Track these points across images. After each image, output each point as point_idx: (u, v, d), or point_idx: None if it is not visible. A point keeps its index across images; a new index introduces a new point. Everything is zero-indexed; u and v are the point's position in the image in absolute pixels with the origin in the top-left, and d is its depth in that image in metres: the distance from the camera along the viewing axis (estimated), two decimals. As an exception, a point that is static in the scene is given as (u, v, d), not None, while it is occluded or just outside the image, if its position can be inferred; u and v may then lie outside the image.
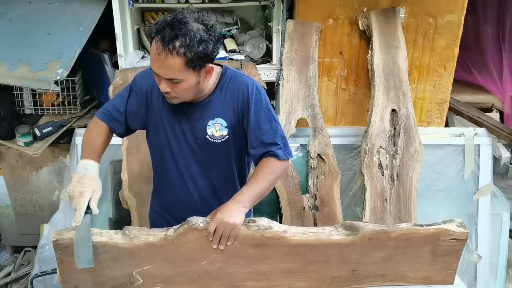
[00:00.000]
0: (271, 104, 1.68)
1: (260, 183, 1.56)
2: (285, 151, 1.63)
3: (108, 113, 1.71)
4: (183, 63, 1.44)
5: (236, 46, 2.92)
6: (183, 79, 1.48)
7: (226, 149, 1.69)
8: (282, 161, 1.62)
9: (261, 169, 1.59)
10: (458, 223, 1.60)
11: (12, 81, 2.40)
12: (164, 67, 1.46)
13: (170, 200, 1.83)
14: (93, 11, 2.66)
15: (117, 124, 1.71)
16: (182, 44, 1.41)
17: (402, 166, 2.57)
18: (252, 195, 1.53)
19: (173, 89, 1.51)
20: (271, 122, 1.63)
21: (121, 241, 1.47)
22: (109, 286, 1.52)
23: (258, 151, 1.62)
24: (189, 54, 1.43)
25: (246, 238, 1.50)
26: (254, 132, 1.61)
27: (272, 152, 1.61)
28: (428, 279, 1.66)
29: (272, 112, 1.65)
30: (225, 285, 1.57)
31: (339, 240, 1.55)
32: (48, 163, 2.94)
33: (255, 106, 1.61)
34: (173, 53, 1.42)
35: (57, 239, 1.44)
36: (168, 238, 1.47)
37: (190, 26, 1.43)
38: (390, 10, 2.77)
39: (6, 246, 3.25)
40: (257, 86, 1.65)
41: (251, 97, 1.61)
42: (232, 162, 1.74)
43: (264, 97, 1.64)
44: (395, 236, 1.57)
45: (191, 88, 1.53)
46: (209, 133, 1.64)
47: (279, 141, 1.62)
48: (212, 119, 1.64)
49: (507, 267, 2.96)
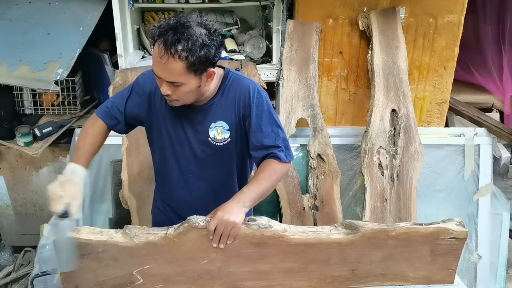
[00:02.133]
0: (272, 105, 1.68)
1: (261, 184, 1.57)
2: (287, 154, 1.64)
3: (108, 110, 1.71)
4: (185, 67, 1.45)
5: (236, 46, 2.92)
6: (184, 83, 1.49)
7: (228, 151, 1.69)
8: (283, 163, 1.62)
9: (263, 170, 1.60)
10: (457, 222, 1.60)
11: (12, 81, 2.41)
12: (166, 70, 1.46)
13: (171, 198, 1.85)
14: (93, 11, 2.66)
15: (116, 122, 1.71)
16: (184, 48, 1.42)
17: (402, 166, 2.57)
18: (253, 195, 1.53)
19: (174, 92, 1.52)
20: (272, 125, 1.63)
21: (122, 240, 1.47)
22: (109, 285, 1.52)
23: (260, 153, 1.63)
24: (191, 58, 1.43)
25: (246, 237, 1.50)
26: (256, 135, 1.62)
27: (273, 154, 1.61)
28: (428, 278, 1.66)
29: (273, 115, 1.65)
30: (225, 285, 1.57)
31: (339, 239, 1.56)
32: (48, 163, 2.94)
33: (257, 109, 1.62)
34: (175, 56, 1.42)
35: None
36: (169, 237, 1.48)
37: (193, 30, 1.44)
38: (390, 10, 2.77)
39: (6, 246, 3.24)
40: (259, 89, 1.66)
41: (253, 100, 1.62)
42: (233, 164, 1.75)
43: (265, 100, 1.65)
44: (394, 235, 1.57)
45: (192, 92, 1.53)
46: (211, 136, 1.65)
47: (280, 144, 1.62)
48: (214, 122, 1.65)
49: (507, 267, 2.96)
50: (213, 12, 3.07)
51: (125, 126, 1.74)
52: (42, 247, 2.52)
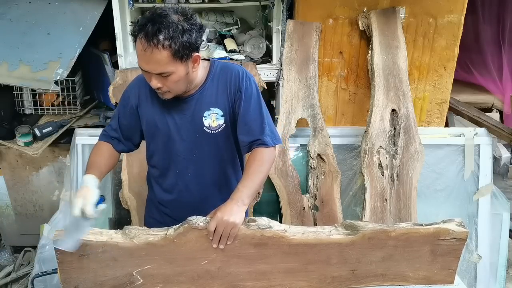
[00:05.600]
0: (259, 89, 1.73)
1: (254, 178, 1.58)
2: (273, 138, 1.67)
3: (106, 133, 1.77)
4: (170, 55, 1.46)
5: (236, 46, 2.92)
6: (172, 71, 1.50)
7: (225, 138, 1.71)
8: (271, 148, 1.65)
9: (252, 162, 1.62)
10: (457, 223, 1.60)
11: (12, 81, 2.41)
12: (152, 62, 1.47)
13: (170, 205, 1.83)
14: (93, 11, 2.66)
15: (116, 142, 1.76)
16: (166, 37, 1.43)
17: (402, 166, 2.57)
18: (249, 191, 1.55)
19: (164, 83, 1.53)
20: (260, 108, 1.67)
21: (121, 241, 1.47)
22: (109, 286, 1.52)
23: (247, 137, 1.66)
24: (174, 46, 1.45)
25: (246, 237, 1.50)
26: (244, 118, 1.65)
27: (260, 141, 1.64)
28: (428, 278, 1.66)
29: (260, 98, 1.69)
30: (225, 285, 1.57)
31: (339, 239, 1.56)
32: (48, 163, 2.94)
33: (246, 92, 1.65)
34: (159, 46, 1.44)
35: (57, 238, 1.44)
36: (168, 237, 1.48)
37: (170, 18, 1.45)
38: (390, 10, 2.77)
39: (6, 246, 3.25)
40: (247, 72, 1.69)
41: (242, 83, 1.65)
42: (234, 151, 1.76)
43: (254, 84, 1.68)
44: (395, 236, 1.57)
45: (181, 80, 1.55)
46: (206, 125, 1.67)
47: (266, 128, 1.66)
48: (207, 110, 1.66)
49: (507, 267, 2.96)
50: (213, 12, 3.06)
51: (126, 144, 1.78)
52: (42, 247, 2.52)
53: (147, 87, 1.63)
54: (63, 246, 1.42)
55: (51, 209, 2.93)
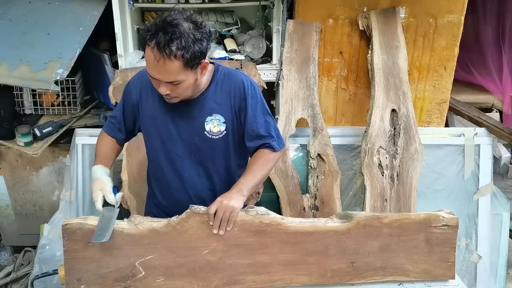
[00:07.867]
0: (262, 95, 1.76)
1: (256, 173, 1.65)
2: (279, 142, 1.74)
3: (110, 124, 1.81)
4: (182, 65, 1.46)
5: (236, 46, 2.92)
6: (183, 80, 1.51)
7: (224, 144, 1.72)
8: (276, 152, 1.72)
9: (257, 160, 1.69)
10: (447, 211, 1.69)
11: (12, 81, 2.40)
12: (164, 72, 1.48)
13: (167, 203, 1.85)
14: (93, 11, 2.66)
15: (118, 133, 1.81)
16: (179, 47, 1.43)
17: (402, 166, 2.57)
18: (250, 185, 1.61)
19: (173, 90, 1.54)
20: (265, 115, 1.72)
21: (127, 227, 1.54)
22: (112, 278, 1.55)
23: (255, 143, 1.71)
24: (187, 55, 1.45)
25: (245, 224, 1.56)
26: (252, 126, 1.69)
27: (267, 144, 1.70)
28: (428, 272, 1.69)
29: (265, 105, 1.74)
30: (226, 279, 1.59)
31: (335, 227, 1.62)
32: (48, 163, 2.94)
33: (252, 101, 1.68)
34: (171, 57, 1.43)
35: (66, 223, 1.51)
36: (171, 223, 1.54)
37: (182, 27, 1.45)
38: (390, 10, 2.77)
39: (6, 246, 3.25)
40: (251, 81, 1.72)
41: (248, 93, 1.68)
42: (231, 158, 1.77)
43: (258, 92, 1.72)
44: (388, 222, 1.64)
45: (190, 86, 1.57)
46: (207, 129, 1.68)
47: (273, 133, 1.72)
48: (209, 115, 1.68)
49: (507, 267, 2.96)
50: (213, 12, 3.07)
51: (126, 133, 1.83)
52: (42, 247, 2.52)
53: (149, 84, 1.63)
54: (99, 239, 1.47)
55: (51, 209, 2.93)
